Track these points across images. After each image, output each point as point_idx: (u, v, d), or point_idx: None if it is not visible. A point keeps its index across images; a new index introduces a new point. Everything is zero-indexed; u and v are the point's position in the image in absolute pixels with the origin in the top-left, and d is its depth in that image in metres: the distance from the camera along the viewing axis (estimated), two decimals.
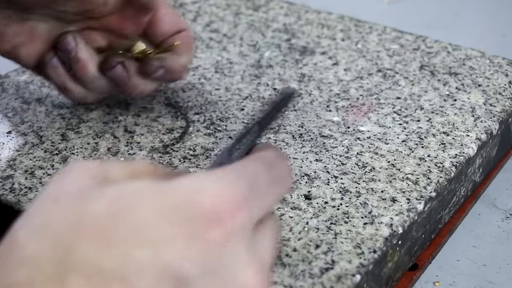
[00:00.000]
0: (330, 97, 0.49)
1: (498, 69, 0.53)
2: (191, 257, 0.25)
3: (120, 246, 0.25)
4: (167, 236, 0.25)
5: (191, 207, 0.26)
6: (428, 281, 0.42)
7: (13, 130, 0.46)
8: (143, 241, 0.25)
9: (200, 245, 0.25)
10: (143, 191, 0.26)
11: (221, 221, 0.25)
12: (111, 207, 0.26)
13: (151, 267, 0.25)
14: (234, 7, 0.62)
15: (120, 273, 0.24)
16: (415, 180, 0.41)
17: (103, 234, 0.25)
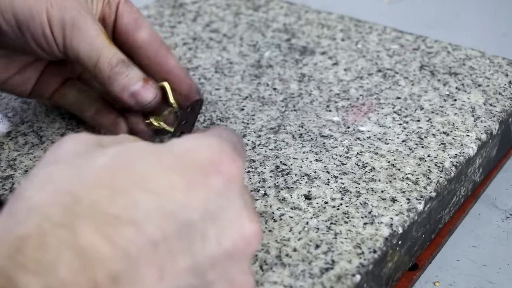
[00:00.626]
0: (330, 97, 0.50)
1: (498, 69, 0.53)
2: (193, 203, 0.26)
3: (125, 194, 0.26)
4: (169, 184, 0.26)
5: (190, 158, 0.27)
6: (428, 281, 0.42)
7: (13, 130, 0.46)
8: (147, 189, 0.26)
9: (201, 191, 0.27)
10: (142, 148, 0.28)
11: (220, 169, 0.27)
12: (113, 160, 0.27)
13: (157, 212, 0.26)
14: (234, 7, 0.62)
15: (128, 218, 0.25)
16: (415, 180, 0.41)
17: (108, 183, 0.26)
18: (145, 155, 0.27)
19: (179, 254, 0.26)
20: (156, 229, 0.25)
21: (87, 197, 0.25)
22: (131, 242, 0.25)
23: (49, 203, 0.25)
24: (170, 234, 0.26)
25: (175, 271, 0.26)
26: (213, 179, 0.27)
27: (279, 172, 0.42)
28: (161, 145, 0.28)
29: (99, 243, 0.24)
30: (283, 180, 0.41)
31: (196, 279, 0.27)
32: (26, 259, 0.24)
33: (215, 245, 0.27)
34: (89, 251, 0.24)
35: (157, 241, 0.25)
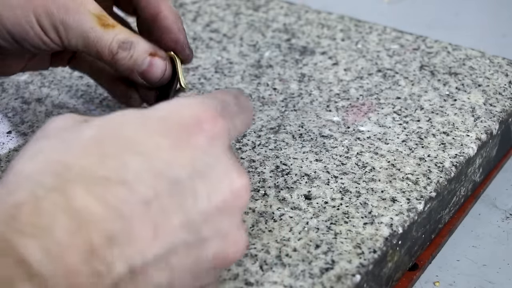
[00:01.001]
0: (330, 97, 0.50)
1: (498, 69, 0.53)
2: (180, 161, 0.27)
3: (114, 157, 0.26)
4: (156, 146, 0.27)
5: (174, 118, 0.28)
6: (428, 281, 0.42)
7: (13, 130, 0.46)
8: (135, 151, 0.27)
9: (186, 150, 0.28)
10: (126, 115, 0.28)
11: (203, 127, 0.28)
12: (99, 130, 0.27)
13: (147, 172, 0.26)
14: (234, 7, 0.62)
15: (119, 179, 0.26)
16: (415, 180, 0.41)
17: (96, 150, 0.27)
18: (130, 121, 0.28)
19: (172, 212, 0.27)
20: (147, 188, 0.26)
21: (76, 164, 0.26)
22: (123, 201, 0.25)
23: (40, 172, 0.26)
24: (161, 193, 0.26)
25: (168, 228, 0.26)
26: (197, 137, 0.28)
27: (279, 172, 0.42)
28: (145, 110, 0.29)
29: (92, 205, 0.25)
30: (283, 180, 0.41)
31: (190, 235, 0.27)
32: (22, 223, 0.24)
33: (206, 201, 0.28)
34: (83, 213, 0.25)
35: (149, 199, 0.26)
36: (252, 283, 0.34)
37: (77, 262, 0.24)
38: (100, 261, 0.25)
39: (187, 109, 0.29)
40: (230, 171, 0.29)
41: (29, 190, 0.25)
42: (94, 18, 0.39)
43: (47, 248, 0.24)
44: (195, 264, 0.28)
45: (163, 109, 0.29)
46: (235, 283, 0.34)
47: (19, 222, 0.24)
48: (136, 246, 0.26)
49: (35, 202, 0.25)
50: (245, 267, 0.35)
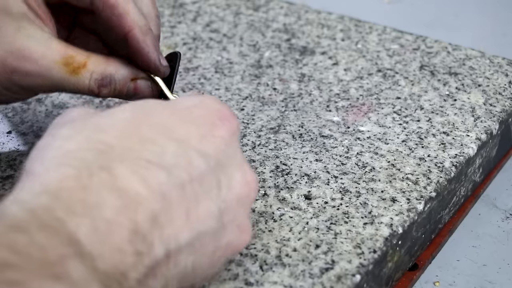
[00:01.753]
0: (330, 97, 0.50)
1: (498, 69, 0.53)
2: (207, 151, 0.29)
3: (152, 141, 0.28)
4: (187, 133, 0.29)
5: (201, 110, 0.30)
6: (428, 281, 0.42)
7: (13, 130, 0.46)
8: (170, 137, 0.28)
9: (212, 141, 0.29)
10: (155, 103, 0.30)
11: (227, 120, 0.30)
12: (134, 114, 0.29)
13: (182, 158, 0.28)
14: (234, 7, 0.62)
15: (160, 163, 0.27)
16: (415, 180, 0.41)
17: (135, 132, 0.28)
18: (160, 108, 0.29)
19: (201, 198, 0.28)
20: (183, 172, 0.27)
21: (118, 144, 0.27)
22: (164, 184, 0.27)
23: (83, 149, 0.26)
24: (194, 178, 0.28)
25: (197, 214, 0.28)
26: (221, 130, 0.30)
27: (279, 172, 0.42)
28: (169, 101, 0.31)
29: (137, 185, 0.26)
30: (283, 180, 0.41)
31: (214, 222, 0.29)
32: (71, 199, 0.25)
33: (227, 190, 0.29)
34: (129, 192, 0.26)
35: (184, 184, 0.27)
36: (252, 283, 0.34)
37: (123, 241, 0.25)
38: (142, 241, 0.25)
39: (210, 103, 0.30)
40: (244, 165, 0.31)
41: (74, 166, 0.26)
42: (61, 68, 0.35)
43: (96, 226, 0.24)
44: (214, 250, 0.29)
45: (189, 100, 0.30)
46: (235, 283, 0.34)
47: (68, 199, 0.25)
48: (173, 228, 0.27)
49: (82, 179, 0.25)
50: (245, 267, 0.35)
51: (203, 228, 0.28)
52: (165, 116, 0.29)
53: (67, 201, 0.25)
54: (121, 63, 0.37)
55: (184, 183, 0.27)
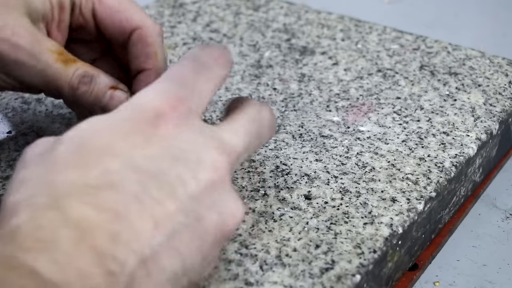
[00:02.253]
0: (330, 97, 0.50)
1: (498, 69, 0.53)
2: (156, 154, 0.28)
3: (94, 164, 0.27)
4: (129, 145, 0.28)
5: (137, 116, 0.29)
6: (428, 281, 0.42)
7: (13, 130, 0.46)
8: (111, 154, 0.28)
9: (158, 141, 0.29)
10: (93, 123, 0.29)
11: (165, 115, 0.29)
12: (71, 143, 0.28)
13: (128, 170, 0.27)
14: (234, 7, 0.62)
15: (106, 183, 0.27)
16: (415, 180, 0.41)
17: (76, 162, 0.27)
18: (98, 128, 0.29)
19: (165, 200, 0.27)
20: (133, 184, 0.27)
21: (63, 179, 0.27)
22: (116, 202, 0.26)
23: (31, 195, 0.27)
24: (148, 185, 0.27)
25: (166, 216, 0.27)
26: (163, 127, 0.29)
27: (279, 172, 0.42)
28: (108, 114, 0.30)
29: (88, 212, 0.26)
30: (283, 180, 0.41)
31: (187, 218, 0.28)
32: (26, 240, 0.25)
33: (195, 184, 0.29)
34: (82, 221, 0.26)
35: (138, 194, 0.27)
36: (252, 283, 0.34)
37: (88, 265, 0.25)
38: (110, 260, 0.25)
39: (147, 104, 0.30)
40: (207, 149, 0.30)
41: (26, 212, 0.26)
42: (52, 55, 0.38)
43: (56, 259, 0.24)
44: (200, 243, 0.29)
45: (125, 110, 0.30)
46: (235, 283, 0.34)
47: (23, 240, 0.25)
48: (140, 238, 0.26)
49: (35, 221, 0.25)
50: (245, 267, 0.35)
51: (175, 227, 0.28)
52: (103, 136, 0.28)
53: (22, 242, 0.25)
54: (104, 71, 0.39)
55: (137, 194, 0.27)
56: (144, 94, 0.30)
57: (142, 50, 0.40)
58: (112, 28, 0.40)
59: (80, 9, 0.40)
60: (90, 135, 0.29)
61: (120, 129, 0.29)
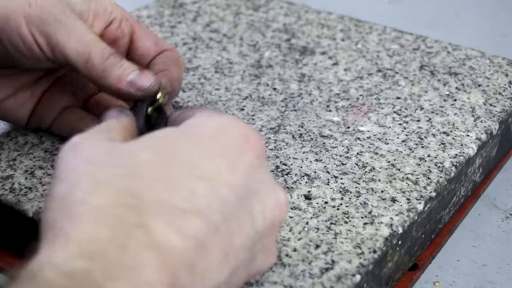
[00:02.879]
0: (330, 97, 0.50)
1: (498, 69, 0.53)
2: (238, 182, 0.28)
3: (182, 185, 0.27)
4: (216, 168, 0.28)
5: (225, 138, 0.29)
6: (428, 281, 0.42)
7: (13, 130, 0.46)
8: (199, 176, 0.27)
9: (241, 169, 0.28)
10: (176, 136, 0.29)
11: (253, 145, 0.29)
12: (157, 154, 0.27)
13: (214, 198, 0.27)
14: (234, 7, 0.62)
15: (192, 208, 0.26)
16: (415, 180, 0.41)
17: (162, 177, 0.27)
18: (184, 142, 0.28)
19: (236, 234, 0.27)
20: (217, 214, 0.27)
21: (148, 195, 0.26)
22: (199, 231, 0.26)
23: (113, 205, 0.26)
24: (228, 216, 0.27)
25: (234, 250, 0.27)
26: (247, 155, 0.29)
27: (279, 172, 0.42)
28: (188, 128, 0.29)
29: (173, 238, 0.25)
30: (283, 180, 0.41)
31: (248, 254, 0.28)
32: (109, 262, 0.24)
33: (261, 219, 0.29)
34: (166, 248, 0.25)
35: (219, 225, 0.27)
36: (252, 283, 0.34)
37: None
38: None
39: (233, 127, 0.29)
40: (276, 187, 0.30)
41: (107, 225, 0.25)
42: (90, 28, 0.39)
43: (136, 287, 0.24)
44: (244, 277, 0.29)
45: (211, 127, 0.29)
46: None
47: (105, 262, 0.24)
48: (211, 271, 0.26)
49: (119, 239, 0.25)
50: None
51: (238, 262, 0.28)
52: (190, 152, 0.28)
53: (104, 264, 0.24)
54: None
55: (218, 225, 0.27)
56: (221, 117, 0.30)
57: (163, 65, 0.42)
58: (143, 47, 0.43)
59: (119, 24, 0.42)
60: (175, 148, 0.28)
61: (207, 149, 0.28)
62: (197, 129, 0.29)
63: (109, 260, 0.24)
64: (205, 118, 0.30)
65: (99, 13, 0.42)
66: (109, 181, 0.26)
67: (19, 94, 0.42)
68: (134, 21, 0.43)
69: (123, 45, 0.43)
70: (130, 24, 0.43)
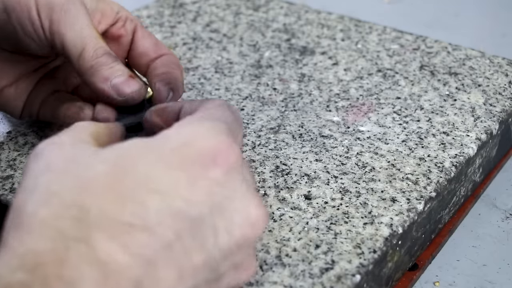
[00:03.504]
0: (330, 97, 0.50)
1: (498, 69, 0.53)
2: (198, 197, 0.26)
3: (133, 198, 0.25)
4: (173, 182, 0.26)
5: (189, 150, 0.27)
6: (428, 281, 0.42)
7: (13, 130, 0.46)
8: (153, 189, 0.26)
9: (204, 185, 0.27)
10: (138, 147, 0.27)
11: (219, 159, 0.27)
12: (113, 166, 0.26)
13: (167, 213, 0.26)
14: (234, 7, 0.62)
15: (140, 224, 0.25)
16: (415, 180, 0.41)
17: (113, 190, 0.26)
18: (143, 154, 0.27)
19: (194, 252, 0.26)
20: (169, 231, 0.25)
21: (96, 207, 0.25)
22: (147, 247, 0.25)
23: (58, 217, 0.25)
24: (183, 233, 0.26)
25: (191, 269, 0.26)
26: (213, 170, 0.27)
27: (279, 172, 0.42)
28: (155, 139, 0.28)
29: (117, 254, 0.24)
30: (283, 180, 0.41)
31: (210, 273, 0.27)
32: (48, 275, 0.23)
33: (227, 237, 0.27)
34: (108, 263, 0.24)
35: (171, 242, 0.25)
36: (252, 283, 0.34)
37: None
38: None
39: (201, 139, 0.28)
40: (248, 203, 0.28)
41: (50, 237, 0.24)
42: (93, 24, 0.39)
43: None
44: None
45: (176, 139, 0.28)
46: None
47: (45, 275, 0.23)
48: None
49: (59, 252, 0.24)
50: None
51: (197, 281, 0.26)
52: (147, 165, 0.26)
53: (43, 277, 0.23)
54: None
55: (170, 242, 0.25)
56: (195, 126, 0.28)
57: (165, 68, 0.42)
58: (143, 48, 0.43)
59: (124, 23, 0.43)
60: (133, 160, 0.27)
61: (167, 161, 0.27)
62: (164, 140, 0.28)
63: (48, 273, 0.23)
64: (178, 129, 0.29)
65: (106, 12, 0.42)
66: (60, 192, 0.26)
67: (19, 83, 0.43)
68: (137, 22, 0.44)
69: (125, 43, 0.44)
70: (133, 24, 0.44)
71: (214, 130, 0.28)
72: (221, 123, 0.29)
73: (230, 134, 0.29)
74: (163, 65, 0.42)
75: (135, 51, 0.43)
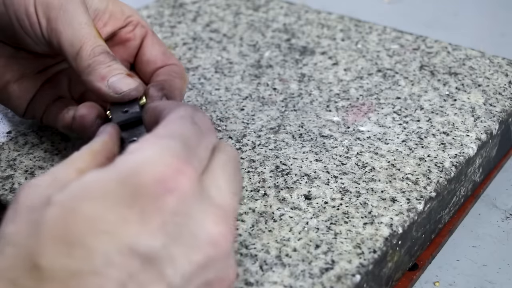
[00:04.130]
0: (330, 97, 0.50)
1: (498, 69, 0.53)
2: (149, 231, 0.26)
3: (79, 243, 0.25)
4: (121, 219, 0.25)
5: (135, 182, 0.26)
6: (428, 281, 0.42)
7: (13, 130, 0.46)
8: (100, 231, 0.25)
9: (155, 217, 0.26)
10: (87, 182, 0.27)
11: (168, 186, 0.26)
12: (61, 209, 0.26)
13: (115, 253, 0.25)
14: (234, 7, 0.62)
15: (89, 269, 0.25)
16: (415, 180, 0.41)
17: (61, 236, 0.25)
18: (89, 193, 0.26)
19: (152, 284, 0.25)
20: (119, 271, 0.25)
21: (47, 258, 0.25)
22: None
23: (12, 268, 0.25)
24: (135, 270, 0.25)
25: None
26: (164, 199, 0.26)
27: (279, 172, 0.42)
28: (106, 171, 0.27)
29: None
30: (283, 180, 0.41)
31: None
32: None
33: (187, 264, 0.26)
34: None
35: (124, 281, 0.25)
36: (252, 283, 0.34)
37: None
38: None
39: (149, 165, 0.26)
40: (205, 223, 0.27)
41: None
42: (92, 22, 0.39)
43: None
44: None
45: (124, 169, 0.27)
46: (235, 283, 0.34)
47: None
48: None
49: None
50: (245, 267, 0.35)
51: None
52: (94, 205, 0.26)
53: None
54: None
55: (123, 281, 0.25)
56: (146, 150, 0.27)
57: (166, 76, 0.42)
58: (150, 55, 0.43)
59: (134, 28, 0.43)
60: (81, 201, 0.26)
61: (113, 197, 0.26)
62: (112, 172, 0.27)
63: None
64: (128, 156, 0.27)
65: (116, 15, 0.43)
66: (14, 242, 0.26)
67: (22, 81, 0.43)
68: (148, 29, 0.44)
69: (132, 48, 0.44)
70: (144, 31, 0.44)
71: (163, 153, 0.27)
72: (175, 142, 0.28)
73: (183, 153, 0.27)
74: (165, 73, 0.42)
75: (142, 58, 0.44)
